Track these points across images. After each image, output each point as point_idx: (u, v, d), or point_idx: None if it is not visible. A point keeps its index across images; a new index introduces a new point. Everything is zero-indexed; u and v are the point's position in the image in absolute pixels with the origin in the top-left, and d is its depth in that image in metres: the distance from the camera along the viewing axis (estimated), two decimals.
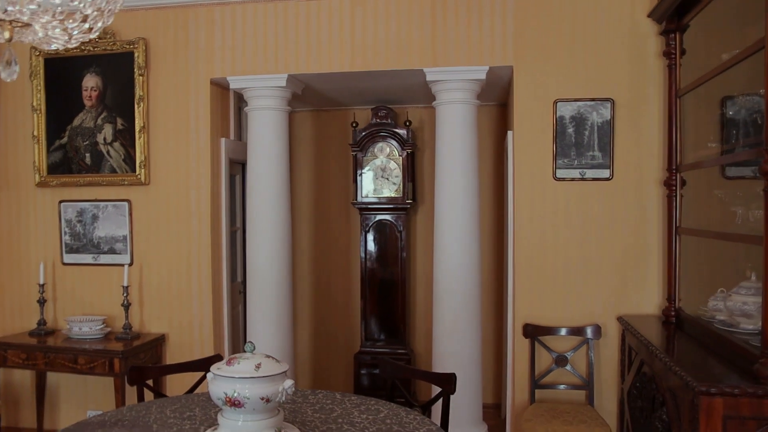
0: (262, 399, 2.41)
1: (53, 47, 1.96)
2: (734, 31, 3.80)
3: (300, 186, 6.70)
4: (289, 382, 2.47)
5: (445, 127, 4.84)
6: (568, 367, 4.56)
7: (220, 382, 2.45)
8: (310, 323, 6.79)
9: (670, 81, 4.24)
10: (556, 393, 4.64)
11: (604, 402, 4.57)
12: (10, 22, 1.74)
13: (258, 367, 2.44)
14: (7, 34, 1.78)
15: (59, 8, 1.71)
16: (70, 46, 1.95)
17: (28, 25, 1.79)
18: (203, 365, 3.54)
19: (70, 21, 1.80)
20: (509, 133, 4.89)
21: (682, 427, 2.99)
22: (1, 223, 5.47)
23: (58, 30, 1.80)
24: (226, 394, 2.42)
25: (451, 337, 4.83)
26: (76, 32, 1.82)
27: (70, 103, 5.23)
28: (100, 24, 1.89)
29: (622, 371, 4.44)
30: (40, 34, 1.82)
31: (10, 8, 1.65)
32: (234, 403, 2.42)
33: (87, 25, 1.82)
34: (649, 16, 4.40)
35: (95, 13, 1.78)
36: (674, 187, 4.22)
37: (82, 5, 1.76)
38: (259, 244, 5.10)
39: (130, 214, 5.23)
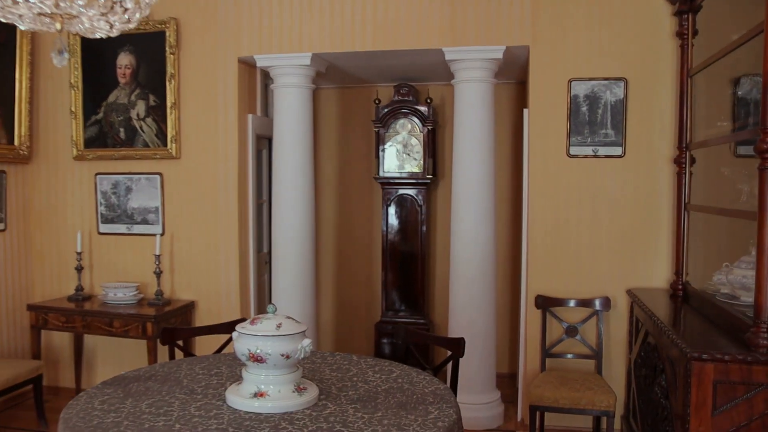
0: (283, 355, 2.63)
1: (97, 35, 2.19)
2: (746, 12, 3.89)
3: (324, 161, 6.91)
4: (307, 341, 2.69)
5: (462, 105, 5.00)
6: (578, 338, 4.74)
7: (244, 340, 2.67)
8: (332, 294, 7.04)
9: (683, 61, 4.35)
10: (566, 362, 4.83)
11: (612, 371, 4.75)
12: (61, 14, 1.97)
13: (279, 326, 2.66)
14: (58, 26, 2.01)
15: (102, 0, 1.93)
16: (111, 35, 2.18)
17: (75, 16, 2.01)
18: (230, 327, 3.76)
19: (113, 14, 2.02)
20: (525, 110, 5.03)
21: (677, 392, 3.16)
22: (40, 194, 5.77)
23: (101, 21, 2.02)
24: (249, 351, 2.65)
25: (467, 307, 5.04)
26: (117, 24, 2.03)
27: (106, 80, 5.48)
28: (138, 15, 2.11)
29: (630, 342, 4.61)
30: (87, 25, 2.04)
31: (62, 4, 1.87)
32: (257, 359, 2.65)
33: (126, 17, 2.04)
34: None
35: (134, 6, 1.99)
36: (684, 165, 4.35)
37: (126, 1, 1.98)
38: (284, 217, 5.33)
39: (162, 187, 5.49)
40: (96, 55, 5.46)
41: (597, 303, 4.70)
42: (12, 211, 5.59)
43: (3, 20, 2.05)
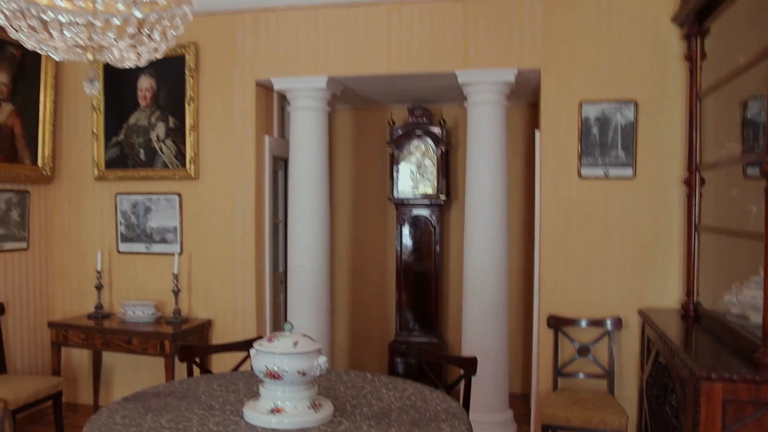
0: (299, 372, 2.71)
1: (126, 65, 2.31)
2: (753, 35, 3.96)
3: (339, 181, 7.01)
4: (322, 358, 2.77)
5: (475, 127, 5.10)
6: (590, 357, 4.78)
7: (262, 357, 2.75)
8: (347, 313, 7.11)
9: (692, 83, 4.43)
10: (578, 382, 4.86)
11: (624, 391, 4.78)
12: (93, 46, 2.09)
13: (295, 344, 2.74)
14: (90, 56, 2.13)
15: (131, 30, 2.04)
16: (139, 65, 2.30)
17: (106, 47, 2.13)
18: (246, 345, 3.86)
19: (141, 45, 2.14)
20: (537, 132, 5.11)
21: (687, 411, 3.20)
22: (62, 213, 5.91)
23: (131, 52, 2.14)
24: (267, 368, 2.72)
25: (480, 326, 5.10)
26: (145, 54, 2.15)
27: (127, 102, 5.63)
28: (164, 46, 2.23)
29: (642, 362, 4.64)
30: (116, 55, 2.16)
31: (95, 36, 1.99)
32: (274, 376, 2.72)
33: (154, 46, 2.15)
34: (672, 20, 4.58)
35: (161, 37, 2.11)
36: (694, 186, 4.41)
37: (149, 32, 2.10)
38: (300, 237, 5.42)
39: (181, 207, 5.61)
40: (117, 79, 5.61)
41: (608, 323, 4.74)
42: (34, 230, 5.72)
43: (39, 52, 2.17)
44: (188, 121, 5.47)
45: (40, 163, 5.64)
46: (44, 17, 1.87)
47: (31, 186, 5.66)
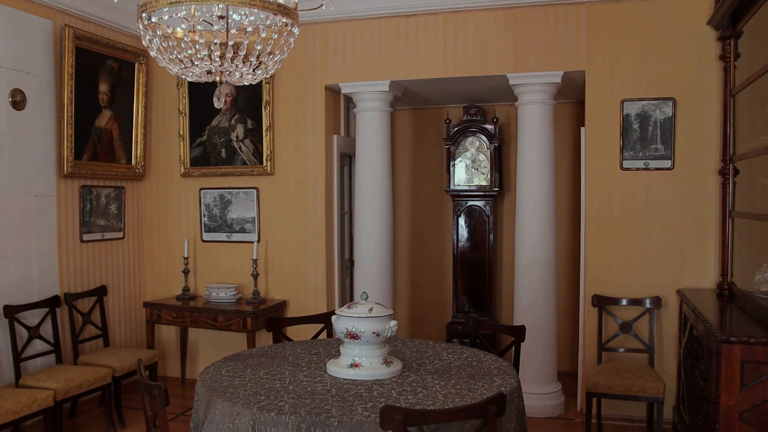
0: (374, 333, 3.25)
1: (245, 83, 2.90)
2: None
3: (400, 175, 7.55)
4: (393, 322, 3.31)
5: (525, 124, 5.57)
6: (631, 333, 5.20)
7: (343, 321, 3.31)
8: (407, 296, 7.65)
9: (726, 81, 4.81)
10: (621, 355, 5.29)
11: (663, 365, 5.19)
12: (222, 71, 2.68)
13: (371, 310, 3.29)
14: (217, 78, 2.71)
15: (253, 59, 2.63)
16: (253, 83, 2.89)
17: (231, 72, 2.72)
18: (323, 318, 4.44)
19: (259, 69, 2.72)
20: (582, 129, 5.54)
21: (711, 372, 3.63)
22: (152, 207, 6.62)
23: (249, 75, 2.72)
24: (347, 329, 3.28)
25: (530, 307, 5.56)
26: (260, 76, 2.71)
27: (209, 107, 6.24)
28: (273, 69, 2.80)
29: (680, 338, 5.05)
30: (237, 77, 2.74)
31: (226, 65, 2.57)
32: (353, 336, 3.27)
33: (267, 68, 2.73)
34: (707, 24, 4.96)
35: (273, 64, 2.67)
36: (728, 176, 4.79)
37: (266, 60, 2.68)
38: (366, 226, 5.98)
39: (258, 200, 6.23)
40: (201, 85, 6.24)
41: (648, 302, 5.16)
42: (129, 221, 6.43)
43: (182, 76, 2.77)
44: (265, 123, 6.08)
45: (133, 162, 6.34)
46: (190, 51, 2.45)
47: (126, 182, 6.36)
